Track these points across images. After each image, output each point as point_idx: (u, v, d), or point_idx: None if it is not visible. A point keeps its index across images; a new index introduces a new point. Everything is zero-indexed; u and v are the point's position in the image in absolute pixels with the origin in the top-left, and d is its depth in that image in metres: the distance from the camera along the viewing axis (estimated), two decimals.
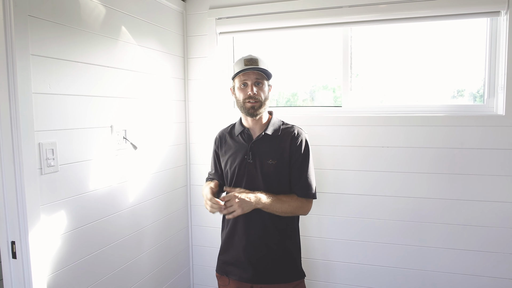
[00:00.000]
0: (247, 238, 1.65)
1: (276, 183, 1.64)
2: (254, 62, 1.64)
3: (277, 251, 1.66)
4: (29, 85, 1.40)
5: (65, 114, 1.57)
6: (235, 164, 1.68)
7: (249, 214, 1.61)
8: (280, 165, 1.64)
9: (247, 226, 1.65)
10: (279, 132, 1.69)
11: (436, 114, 2.10)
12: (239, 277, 1.68)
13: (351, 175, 2.22)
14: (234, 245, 1.70)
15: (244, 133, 1.72)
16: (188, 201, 2.58)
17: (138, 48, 2.02)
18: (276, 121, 1.74)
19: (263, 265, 1.65)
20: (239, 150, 1.70)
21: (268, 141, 1.67)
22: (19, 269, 1.45)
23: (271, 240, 1.65)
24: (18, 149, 1.39)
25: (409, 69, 2.25)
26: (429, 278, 2.15)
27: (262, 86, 1.65)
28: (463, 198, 2.06)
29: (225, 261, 1.74)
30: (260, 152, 1.66)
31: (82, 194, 1.67)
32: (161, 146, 2.25)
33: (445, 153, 2.07)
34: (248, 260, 1.65)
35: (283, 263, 1.67)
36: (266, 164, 1.64)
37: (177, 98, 2.42)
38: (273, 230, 1.65)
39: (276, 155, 1.64)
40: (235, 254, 1.69)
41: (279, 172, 1.64)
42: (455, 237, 2.09)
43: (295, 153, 1.65)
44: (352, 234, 2.25)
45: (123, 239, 1.95)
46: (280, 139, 1.67)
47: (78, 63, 1.62)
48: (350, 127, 2.21)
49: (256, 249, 1.65)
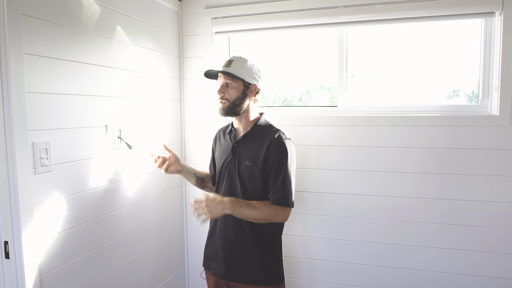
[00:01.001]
0: (224, 234, 1.70)
1: (251, 185, 1.65)
2: (227, 63, 1.68)
3: (250, 252, 1.67)
4: (22, 84, 1.39)
5: (59, 113, 1.56)
6: (220, 162, 1.76)
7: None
8: (254, 167, 1.64)
9: (225, 222, 1.70)
10: (261, 134, 1.68)
11: (431, 114, 2.11)
12: (215, 271, 1.74)
13: (346, 175, 2.22)
14: (214, 239, 1.76)
15: (232, 133, 1.78)
16: (184, 200, 2.57)
17: (133, 48, 2.01)
18: (263, 122, 1.72)
19: (236, 263, 1.68)
20: (226, 149, 1.76)
21: (248, 142, 1.69)
22: (12, 269, 1.44)
23: (245, 240, 1.67)
24: (12, 148, 1.38)
25: (405, 69, 2.26)
26: (418, 277, 2.16)
27: (229, 88, 1.65)
28: (458, 198, 2.07)
29: (207, 255, 1.81)
30: (239, 153, 1.70)
31: (76, 194, 1.66)
32: (156, 145, 2.24)
33: (440, 153, 2.08)
34: (223, 256, 1.70)
35: (257, 265, 1.67)
36: (243, 165, 1.66)
37: (172, 98, 2.42)
38: (247, 231, 1.66)
39: (252, 157, 1.65)
40: (213, 248, 1.76)
41: (254, 175, 1.64)
42: (450, 237, 2.10)
43: (271, 158, 1.62)
44: (348, 235, 2.25)
45: (118, 239, 1.94)
46: (259, 142, 1.67)
47: (73, 62, 1.62)
48: (345, 127, 2.21)
49: (231, 246, 1.69)
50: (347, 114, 2.23)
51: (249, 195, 1.65)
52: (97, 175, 1.78)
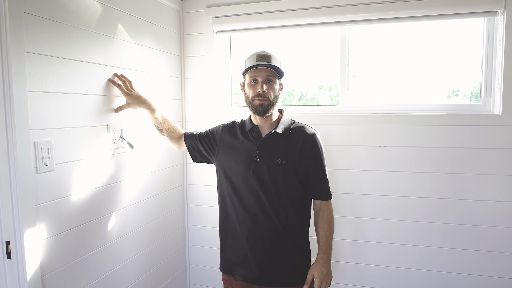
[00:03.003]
0: (255, 239, 1.62)
1: (284, 183, 1.59)
2: (267, 58, 1.58)
3: (286, 254, 1.62)
4: (24, 83, 1.38)
5: (61, 112, 1.55)
6: (242, 162, 1.62)
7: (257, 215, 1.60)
8: (289, 165, 1.58)
9: (255, 228, 1.61)
10: (290, 131, 1.63)
11: (433, 113, 2.10)
12: (244, 277, 1.65)
13: (348, 174, 2.22)
14: (239, 244, 1.65)
15: (253, 131, 1.66)
16: (185, 200, 2.56)
17: (135, 47, 2.00)
18: (287, 119, 1.69)
19: (271, 266, 1.61)
20: (247, 148, 1.64)
21: (278, 139, 1.62)
22: (13, 270, 1.42)
23: (280, 243, 1.61)
24: (13, 148, 1.37)
25: (407, 68, 2.25)
26: (427, 277, 2.16)
27: (273, 84, 1.59)
28: (460, 197, 2.07)
29: (229, 260, 1.70)
30: (268, 151, 1.60)
31: (78, 194, 1.65)
32: (158, 145, 2.23)
33: (443, 152, 2.07)
34: (255, 261, 1.62)
35: (291, 266, 1.63)
36: (274, 163, 1.58)
37: (173, 97, 2.41)
38: (284, 234, 1.61)
39: (286, 154, 1.59)
40: (241, 253, 1.65)
41: (288, 172, 1.58)
42: (452, 236, 2.10)
43: (310, 155, 1.61)
44: (348, 234, 2.25)
45: (120, 239, 1.93)
46: (290, 138, 1.62)
47: (74, 61, 1.61)
48: (347, 126, 2.20)
49: (265, 250, 1.61)
50: (349, 113, 2.23)
51: (283, 195, 1.59)
52: (99, 175, 1.77)
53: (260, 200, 1.60)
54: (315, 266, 1.61)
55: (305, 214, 1.67)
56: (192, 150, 1.86)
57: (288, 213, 1.61)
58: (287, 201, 1.60)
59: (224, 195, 1.71)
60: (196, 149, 1.84)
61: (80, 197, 1.66)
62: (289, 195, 1.60)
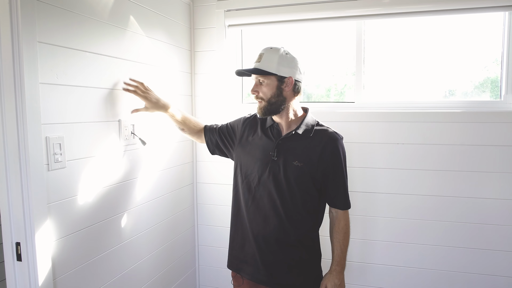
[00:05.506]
0: (263, 238, 1.57)
1: (298, 187, 1.52)
2: (258, 58, 1.53)
3: (293, 256, 1.57)
4: (36, 75, 1.30)
5: (73, 106, 1.47)
6: (259, 158, 1.57)
7: (268, 215, 1.55)
8: (306, 168, 1.51)
9: (264, 226, 1.57)
10: (311, 133, 1.56)
11: (452, 110, 2.05)
12: (251, 276, 1.61)
13: (364, 172, 2.16)
14: (248, 242, 1.61)
15: (274, 128, 1.60)
16: (195, 199, 2.49)
17: (146, 39, 1.93)
18: (310, 120, 1.60)
19: (278, 268, 1.56)
20: (266, 144, 1.58)
21: (297, 140, 1.54)
22: (24, 272, 1.35)
23: (288, 244, 1.56)
24: (24, 143, 1.29)
25: (423, 64, 2.19)
26: (446, 278, 2.10)
27: (262, 85, 1.52)
28: (481, 196, 2.01)
29: (237, 257, 1.66)
30: (286, 151, 1.54)
31: (90, 192, 1.57)
32: (168, 142, 2.16)
33: (462, 150, 2.02)
34: (262, 261, 1.57)
35: (299, 269, 1.58)
36: (291, 165, 1.52)
37: (184, 93, 2.33)
38: (291, 235, 1.55)
39: (304, 157, 1.52)
40: (249, 252, 1.61)
41: (304, 176, 1.52)
42: (472, 236, 2.04)
43: (330, 160, 1.53)
44: (365, 234, 2.19)
45: (132, 239, 1.85)
46: (311, 141, 1.54)
47: (86, 52, 1.53)
48: (363, 123, 2.14)
49: (273, 251, 1.56)
50: (366, 110, 2.17)
51: (296, 197, 1.53)
52: (111, 173, 1.69)
53: (273, 200, 1.54)
54: (328, 277, 1.58)
55: (318, 220, 1.62)
56: (210, 144, 1.82)
57: (300, 216, 1.55)
58: (300, 205, 1.54)
59: (238, 190, 1.66)
60: (215, 143, 1.80)
61: (92, 196, 1.58)
62: (303, 198, 1.54)
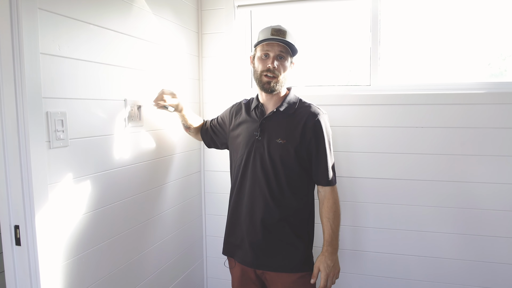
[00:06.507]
0: (251, 220, 1.57)
1: (283, 165, 1.53)
2: (282, 33, 1.50)
3: (281, 238, 1.55)
4: (36, 44, 1.21)
5: (76, 81, 1.37)
6: (245, 140, 1.60)
7: (254, 195, 1.54)
8: (289, 145, 1.52)
9: (252, 208, 1.56)
10: (294, 110, 1.57)
11: (475, 91, 1.94)
12: (241, 259, 1.62)
13: (381, 157, 2.05)
14: (239, 226, 1.62)
15: (258, 108, 1.62)
16: (202, 188, 2.39)
17: (153, 17, 1.83)
18: (293, 97, 1.62)
19: (265, 250, 1.55)
20: (251, 125, 1.60)
21: (280, 118, 1.56)
22: (23, 258, 1.25)
23: (275, 226, 1.54)
24: (24, 118, 1.19)
25: (446, 44, 2.08)
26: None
27: (284, 61, 1.52)
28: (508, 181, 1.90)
29: (230, 242, 1.67)
30: (269, 130, 1.55)
31: (93, 174, 1.47)
32: (175, 127, 2.06)
33: (487, 133, 1.91)
34: (250, 243, 1.56)
35: (288, 252, 1.55)
36: (274, 142, 1.53)
37: (191, 76, 2.23)
38: (278, 216, 1.54)
39: (286, 134, 1.53)
40: (239, 235, 1.62)
41: (287, 153, 1.52)
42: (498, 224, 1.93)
43: (312, 137, 1.53)
44: (382, 221, 2.08)
45: (137, 227, 1.76)
46: (292, 118, 1.56)
47: (90, 25, 1.43)
48: (379, 106, 2.04)
49: (260, 233, 1.55)
50: (382, 92, 2.06)
51: (280, 176, 1.53)
52: (115, 155, 1.59)
53: (258, 180, 1.55)
54: (321, 259, 1.55)
55: (307, 200, 1.61)
56: (206, 140, 1.91)
57: (285, 196, 1.54)
58: (285, 184, 1.54)
59: (232, 176, 1.70)
60: (209, 139, 1.89)
61: (95, 179, 1.48)
62: (288, 177, 1.53)
